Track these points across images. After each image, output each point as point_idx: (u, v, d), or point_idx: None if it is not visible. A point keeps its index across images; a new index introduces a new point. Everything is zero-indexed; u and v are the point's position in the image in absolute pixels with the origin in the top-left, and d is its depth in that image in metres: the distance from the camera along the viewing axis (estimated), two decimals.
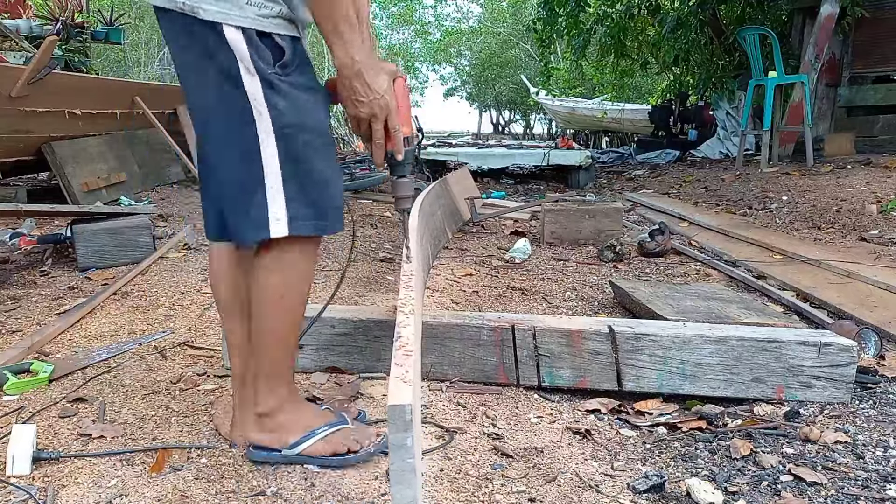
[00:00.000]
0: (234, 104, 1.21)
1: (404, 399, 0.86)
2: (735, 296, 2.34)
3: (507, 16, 22.84)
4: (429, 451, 1.39)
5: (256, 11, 1.19)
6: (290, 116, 1.23)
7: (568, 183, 6.46)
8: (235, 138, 1.24)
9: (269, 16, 1.21)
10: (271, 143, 1.22)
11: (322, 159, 1.27)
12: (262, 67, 1.20)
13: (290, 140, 1.23)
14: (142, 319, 2.23)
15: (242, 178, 1.24)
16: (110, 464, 1.32)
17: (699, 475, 1.34)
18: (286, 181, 1.24)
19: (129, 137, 5.08)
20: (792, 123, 6.26)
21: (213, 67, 1.21)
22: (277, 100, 1.22)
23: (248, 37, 1.19)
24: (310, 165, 1.26)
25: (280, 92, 1.22)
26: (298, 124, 1.24)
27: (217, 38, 1.19)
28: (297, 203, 1.24)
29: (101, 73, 9.42)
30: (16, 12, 6.63)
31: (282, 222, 1.23)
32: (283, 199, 1.23)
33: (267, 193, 1.23)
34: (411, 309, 1.26)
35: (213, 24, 1.18)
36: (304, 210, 1.25)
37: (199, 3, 1.18)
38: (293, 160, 1.24)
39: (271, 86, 1.21)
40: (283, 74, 1.23)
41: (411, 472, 0.84)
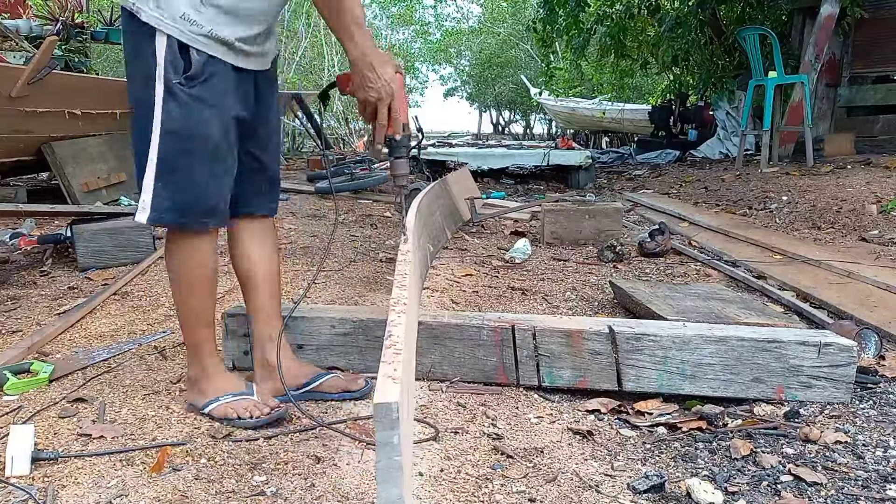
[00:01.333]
0: (145, 101, 1.40)
1: (391, 397, 0.85)
2: (735, 296, 2.34)
3: (507, 16, 22.82)
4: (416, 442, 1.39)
5: (187, 26, 1.38)
6: (178, 123, 1.40)
7: (568, 183, 6.46)
8: (140, 129, 1.43)
9: (196, 33, 1.39)
10: (156, 141, 1.41)
11: (198, 163, 1.44)
12: (170, 75, 1.38)
13: (170, 143, 1.41)
14: (142, 319, 2.23)
15: (139, 165, 1.45)
16: (110, 464, 1.32)
17: (699, 475, 1.34)
18: (157, 177, 1.42)
19: (129, 137, 5.08)
20: (792, 123, 6.26)
21: (139, 64, 1.41)
22: (172, 106, 1.39)
23: (170, 45, 1.38)
24: (182, 170, 1.43)
25: (177, 99, 1.39)
26: (183, 131, 1.41)
27: (149, 39, 1.38)
28: (161, 198, 1.43)
29: (101, 73, 9.42)
30: (16, 12, 6.63)
31: (145, 211, 1.43)
32: (152, 191, 1.43)
33: (143, 183, 1.43)
34: (403, 308, 1.27)
35: (148, 27, 1.37)
36: (166, 204, 1.43)
37: (143, 5, 1.37)
38: (167, 161, 1.42)
39: (171, 92, 1.39)
40: (185, 85, 1.40)
41: (398, 470, 0.84)
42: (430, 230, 3.05)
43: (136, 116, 1.45)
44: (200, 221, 1.48)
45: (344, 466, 1.33)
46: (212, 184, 1.47)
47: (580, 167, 6.31)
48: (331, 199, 5.11)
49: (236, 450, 1.39)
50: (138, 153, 1.45)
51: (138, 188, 1.45)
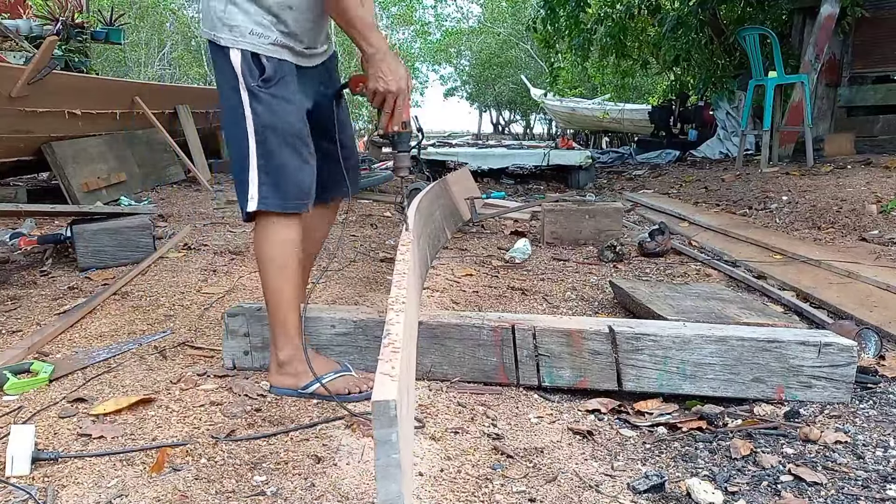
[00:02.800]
0: (236, 108, 1.63)
1: (389, 395, 0.85)
2: (735, 296, 2.34)
3: (507, 16, 22.82)
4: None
5: (255, 39, 1.62)
6: (265, 119, 1.62)
7: (568, 183, 6.46)
8: (236, 134, 1.64)
9: (264, 43, 1.62)
10: (252, 138, 1.62)
11: (290, 154, 1.65)
12: (249, 81, 1.62)
13: (265, 137, 1.62)
14: (142, 319, 2.23)
15: (240, 165, 1.65)
16: (110, 464, 1.32)
17: (699, 475, 1.34)
18: (259, 168, 1.63)
19: (129, 137, 5.08)
20: (792, 123, 6.25)
21: (225, 79, 1.65)
22: (256, 105, 1.62)
23: (244, 57, 1.62)
24: (278, 158, 1.64)
25: (259, 100, 1.62)
26: (271, 125, 1.62)
27: (226, 58, 1.63)
28: (266, 186, 1.63)
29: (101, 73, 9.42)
30: (16, 12, 6.63)
31: (254, 200, 1.63)
32: (257, 182, 1.63)
33: (249, 177, 1.63)
34: (401, 307, 1.27)
35: (224, 48, 1.63)
36: (270, 191, 1.63)
37: (218, 33, 1.63)
38: (265, 153, 1.63)
39: (253, 95, 1.62)
40: (264, 87, 1.62)
41: (396, 468, 0.84)
42: (430, 230, 3.05)
43: (230, 124, 1.66)
44: (298, 204, 1.67)
45: (344, 466, 1.33)
46: (303, 169, 1.68)
47: (580, 167, 6.31)
48: None
49: (236, 450, 1.39)
50: (237, 155, 1.66)
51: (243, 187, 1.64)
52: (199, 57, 17.82)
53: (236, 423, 1.50)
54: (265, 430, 1.47)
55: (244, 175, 1.63)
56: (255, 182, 1.63)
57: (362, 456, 1.36)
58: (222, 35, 1.63)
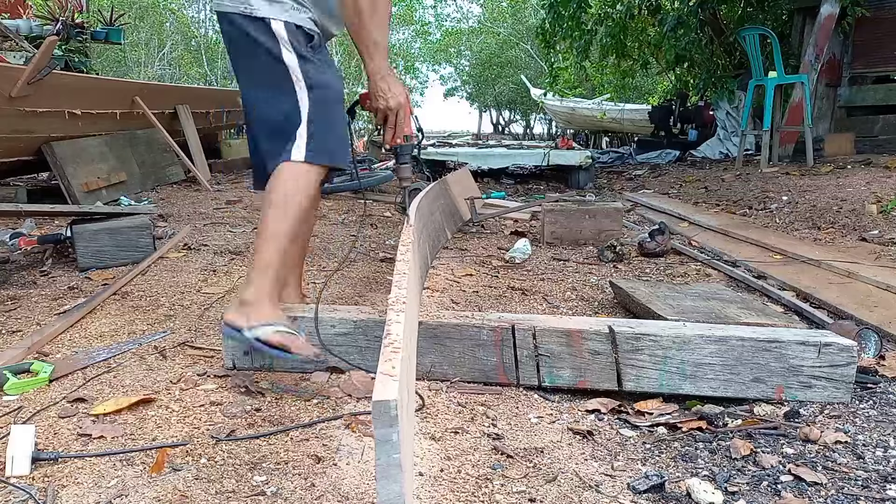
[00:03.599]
0: (277, 72, 1.72)
1: (389, 395, 0.85)
2: (735, 296, 2.34)
3: (507, 16, 22.83)
4: None
5: (294, 14, 1.73)
6: (316, 78, 1.74)
7: (568, 183, 6.45)
8: (276, 99, 1.74)
9: (305, 17, 1.75)
10: (304, 96, 1.73)
11: (335, 109, 1.81)
12: (297, 47, 1.72)
13: (317, 93, 1.74)
14: (142, 319, 2.23)
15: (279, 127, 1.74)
16: (110, 464, 1.32)
17: (699, 475, 1.34)
18: (310, 122, 1.73)
19: (129, 137, 5.08)
20: (792, 123, 6.26)
21: (264, 50, 1.71)
22: (308, 67, 1.73)
23: (288, 27, 1.72)
24: (328, 112, 1.77)
25: (310, 62, 1.74)
26: (323, 84, 1.76)
27: (266, 28, 1.71)
28: (317, 141, 1.73)
29: (101, 73, 9.42)
30: (16, 12, 6.63)
31: (301, 150, 1.72)
32: (306, 136, 1.73)
33: (297, 133, 1.73)
34: (402, 307, 1.27)
35: (263, 20, 1.70)
36: (319, 146, 1.74)
37: (255, 5, 1.70)
38: (319, 109, 1.75)
39: (303, 58, 1.73)
40: (313, 53, 1.76)
41: (397, 468, 0.83)
42: (430, 230, 3.05)
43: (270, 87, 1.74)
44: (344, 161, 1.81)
45: (344, 466, 1.33)
46: (345, 130, 1.84)
47: (580, 167, 6.30)
48: (331, 199, 5.11)
49: (236, 450, 1.39)
50: (276, 117, 1.74)
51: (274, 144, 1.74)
52: (199, 57, 17.82)
53: (236, 423, 1.50)
54: (264, 430, 1.47)
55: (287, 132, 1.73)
56: (303, 136, 1.72)
57: (362, 456, 1.36)
58: (260, 7, 1.71)
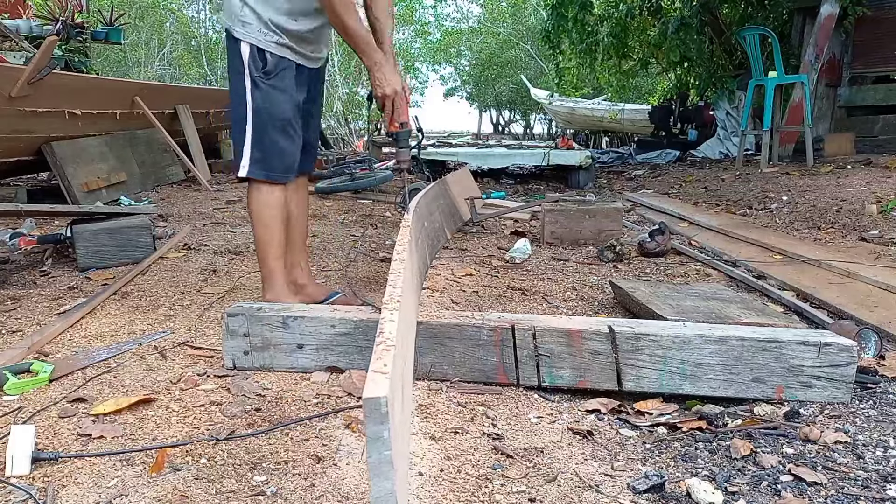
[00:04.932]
0: (240, 91, 2.03)
1: (380, 392, 0.85)
2: (735, 296, 2.34)
3: (507, 16, 22.80)
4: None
5: (263, 37, 2.00)
6: (260, 104, 2.02)
7: (568, 183, 6.45)
8: (235, 113, 2.05)
9: (269, 41, 2.01)
10: (249, 118, 2.02)
11: (278, 134, 2.05)
12: (252, 70, 2.01)
13: (257, 118, 2.03)
14: (142, 319, 2.23)
15: (237, 138, 2.06)
16: (110, 464, 1.32)
17: (699, 475, 1.34)
18: (252, 144, 2.04)
19: (129, 137, 5.08)
20: (792, 123, 6.25)
21: (234, 66, 2.03)
22: (256, 93, 2.02)
23: (251, 50, 2.00)
24: (267, 135, 2.04)
25: (258, 88, 2.02)
26: (265, 109, 2.03)
27: (238, 48, 2.01)
28: (256, 159, 2.04)
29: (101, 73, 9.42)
30: (16, 12, 6.63)
31: (245, 168, 2.05)
32: (249, 154, 2.04)
33: (244, 149, 2.04)
34: (395, 305, 1.27)
35: (237, 39, 2.01)
36: (259, 163, 2.05)
37: (233, 25, 2.01)
38: (258, 131, 2.04)
39: (255, 83, 2.02)
40: (264, 78, 2.02)
41: (388, 465, 0.83)
42: (429, 230, 3.05)
43: (235, 103, 2.05)
44: (280, 176, 2.09)
45: (344, 466, 1.33)
46: (287, 149, 2.09)
47: (580, 167, 6.30)
48: (331, 199, 5.11)
49: (236, 450, 1.39)
50: (237, 129, 2.05)
51: (238, 155, 2.05)
52: (199, 57, 17.81)
53: (236, 423, 1.50)
54: (264, 430, 1.47)
55: (240, 147, 2.04)
56: (247, 154, 2.03)
57: (362, 456, 1.36)
58: (236, 28, 2.01)
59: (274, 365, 1.79)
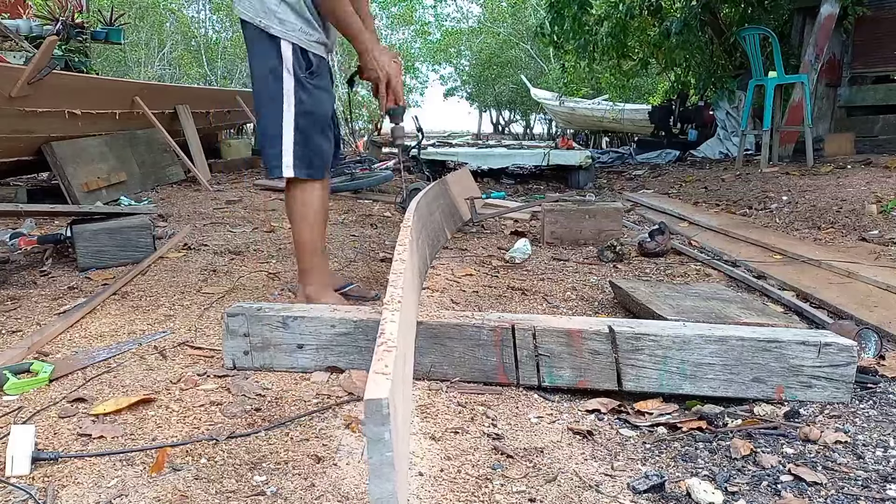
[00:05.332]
0: (276, 91, 2.00)
1: (381, 393, 0.85)
2: (735, 296, 2.34)
3: (507, 16, 22.81)
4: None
5: (303, 36, 1.99)
6: (308, 106, 2.03)
7: (568, 183, 6.45)
8: (272, 113, 2.02)
9: (310, 40, 2.01)
10: (290, 119, 2.01)
11: (319, 134, 2.08)
12: (298, 71, 1.99)
13: (304, 120, 2.03)
14: (142, 319, 2.23)
15: (273, 138, 2.03)
16: (110, 464, 1.32)
17: (699, 475, 1.34)
18: (295, 143, 2.04)
19: (129, 137, 5.08)
20: (792, 123, 6.26)
21: (270, 66, 1.99)
22: (302, 94, 2.01)
23: (294, 50, 1.98)
24: (311, 137, 2.06)
25: (305, 89, 2.01)
26: (311, 112, 2.04)
27: (276, 47, 1.97)
28: (299, 158, 2.05)
29: (101, 73, 9.42)
30: (16, 12, 6.63)
31: (289, 168, 2.05)
32: (292, 154, 2.04)
33: (283, 149, 2.03)
34: (396, 306, 1.27)
35: (275, 38, 1.96)
36: (303, 163, 2.06)
37: (268, 22, 1.95)
38: (301, 131, 2.04)
39: (301, 84, 2.00)
40: (310, 78, 2.02)
41: (389, 466, 0.83)
42: (429, 230, 3.05)
43: (268, 102, 2.01)
44: (321, 174, 2.13)
45: (344, 466, 1.33)
46: (326, 147, 2.13)
47: (580, 167, 6.30)
48: (331, 199, 5.11)
49: (236, 450, 1.39)
50: (271, 129, 2.02)
51: (272, 154, 2.04)
52: (199, 57, 17.81)
53: (236, 423, 1.50)
54: (264, 430, 1.47)
55: (277, 147, 2.02)
56: (289, 153, 2.02)
57: (362, 456, 1.36)
58: (273, 25, 1.96)
59: (274, 365, 1.79)
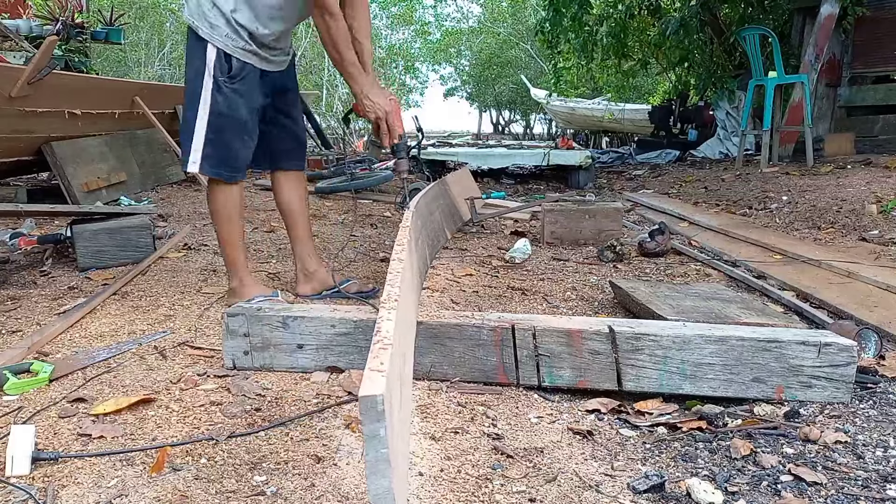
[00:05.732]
0: (197, 90, 2.09)
1: (376, 390, 0.85)
2: (735, 296, 2.34)
3: (507, 16, 22.81)
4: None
5: (229, 42, 2.07)
6: (222, 107, 2.10)
7: (568, 183, 6.45)
8: (190, 110, 2.11)
9: (235, 46, 2.09)
10: (204, 118, 2.09)
11: (232, 135, 2.14)
12: (217, 74, 2.08)
13: (217, 120, 2.10)
14: (142, 319, 2.23)
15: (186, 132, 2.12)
16: (110, 464, 1.32)
17: (699, 475, 1.34)
18: (206, 142, 2.11)
19: (129, 137, 5.08)
20: (792, 123, 6.25)
21: (194, 64, 2.10)
22: (218, 96, 2.09)
23: (217, 54, 2.07)
24: (223, 137, 2.12)
25: (221, 91, 2.09)
26: (225, 113, 2.11)
27: (202, 48, 2.07)
28: (209, 156, 2.13)
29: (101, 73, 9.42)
30: (16, 12, 6.63)
31: (195, 164, 2.13)
32: (201, 151, 2.12)
33: (193, 145, 2.11)
34: (393, 304, 1.27)
35: (203, 40, 2.07)
36: (211, 161, 2.14)
37: (200, 24, 2.06)
38: (214, 131, 2.11)
39: (218, 86, 2.09)
40: (228, 82, 2.09)
41: (385, 463, 0.84)
42: (429, 230, 3.05)
43: (189, 99, 2.10)
44: (232, 175, 2.19)
45: (344, 466, 1.33)
46: (241, 150, 2.18)
47: (580, 167, 6.30)
48: (331, 199, 5.11)
49: (236, 450, 1.39)
50: (187, 125, 2.11)
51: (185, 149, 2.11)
52: None
53: (236, 423, 1.50)
54: (264, 430, 1.47)
55: (189, 142, 2.11)
56: (198, 150, 2.10)
57: (363, 456, 1.36)
58: (203, 28, 2.06)
59: (274, 365, 1.79)
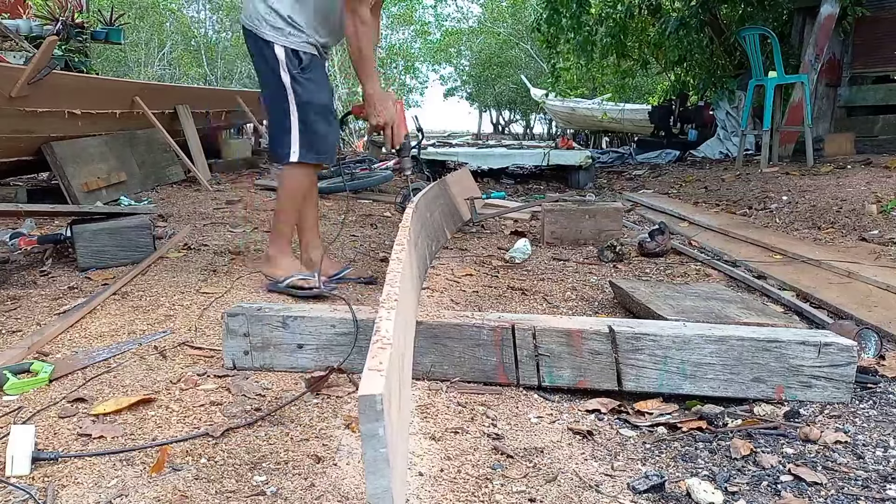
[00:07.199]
0: (278, 87, 2.32)
1: (375, 389, 0.85)
2: (735, 296, 2.34)
3: (507, 16, 22.81)
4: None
5: (294, 39, 2.29)
6: (304, 97, 2.32)
7: (568, 183, 6.45)
8: (278, 107, 2.34)
9: (300, 41, 2.31)
10: (294, 110, 2.32)
11: (321, 121, 2.36)
12: (291, 69, 2.29)
13: (303, 109, 2.33)
14: (142, 319, 2.23)
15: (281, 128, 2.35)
16: (110, 464, 1.32)
17: (699, 475, 1.34)
18: (300, 132, 2.33)
19: (129, 137, 5.08)
20: (792, 123, 6.26)
21: (269, 66, 2.32)
22: (297, 87, 2.31)
23: (286, 52, 2.29)
24: (313, 124, 2.35)
25: (299, 83, 2.31)
26: (308, 101, 2.33)
27: (271, 50, 2.29)
28: (304, 145, 2.35)
29: (101, 73, 9.42)
30: (16, 12, 6.63)
31: (296, 154, 2.35)
32: (298, 142, 2.33)
33: (291, 138, 2.33)
34: (392, 304, 1.27)
35: (269, 42, 2.29)
36: (307, 149, 2.36)
37: (262, 29, 2.28)
38: (304, 120, 2.33)
39: (295, 79, 2.30)
40: (302, 73, 2.30)
41: (384, 462, 0.84)
42: (429, 230, 3.05)
43: (274, 97, 2.33)
44: (327, 158, 2.44)
45: (344, 466, 1.33)
46: (330, 134, 2.41)
47: (580, 167, 6.30)
48: (331, 199, 5.11)
49: (236, 449, 1.39)
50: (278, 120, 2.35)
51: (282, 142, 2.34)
52: (199, 57, 17.81)
53: (236, 423, 1.50)
54: (265, 430, 1.47)
55: (286, 136, 2.32)
56: (296, 141, 2.32)
57: (362, 456, 1.36)
58: (267, 32, 2.28)
59: (274, 365, 1.79)
